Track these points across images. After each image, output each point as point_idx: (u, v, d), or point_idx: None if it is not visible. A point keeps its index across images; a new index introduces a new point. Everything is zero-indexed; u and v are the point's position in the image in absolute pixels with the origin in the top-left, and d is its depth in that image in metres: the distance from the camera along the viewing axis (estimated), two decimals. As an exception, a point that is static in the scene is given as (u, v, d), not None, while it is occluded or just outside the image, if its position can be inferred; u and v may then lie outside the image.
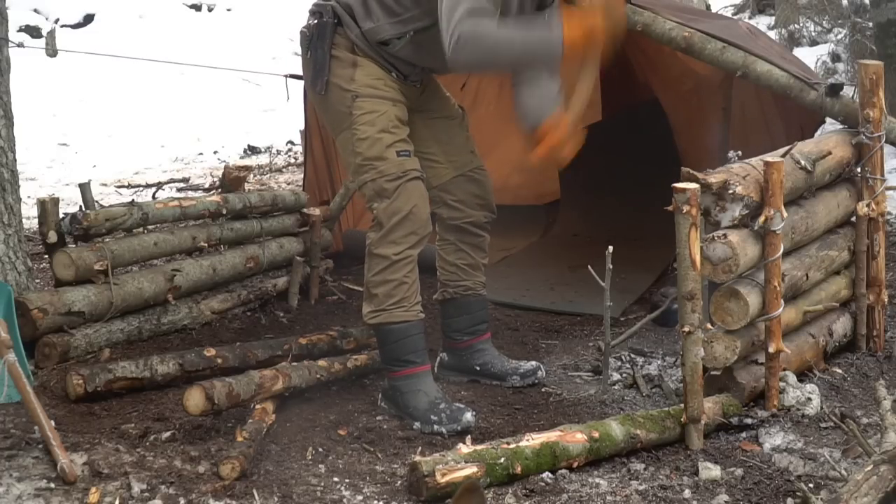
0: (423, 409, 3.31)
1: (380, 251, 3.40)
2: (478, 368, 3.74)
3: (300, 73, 3.75)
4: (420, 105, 3.60)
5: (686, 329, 3.02)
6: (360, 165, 3.40)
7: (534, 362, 3.78)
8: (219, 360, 3.62)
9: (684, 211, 2.98)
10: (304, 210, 4.97)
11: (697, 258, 3.01)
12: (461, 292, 3.73)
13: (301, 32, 3.53)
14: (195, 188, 7.85)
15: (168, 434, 3.14)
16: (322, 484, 2.86)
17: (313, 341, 3.93)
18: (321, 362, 3.61)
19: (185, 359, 3.58)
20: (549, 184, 6.44)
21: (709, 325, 3.17)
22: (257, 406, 3.20)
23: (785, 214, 3.27)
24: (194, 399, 3.05)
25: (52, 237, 3.84)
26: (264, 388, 3.25)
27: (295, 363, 3.48)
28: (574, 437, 2.95)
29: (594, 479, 2.88)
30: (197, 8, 14.79)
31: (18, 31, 12.31)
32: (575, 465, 2.93)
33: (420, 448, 3.12)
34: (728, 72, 4.43)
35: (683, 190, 2.98)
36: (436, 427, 3.27)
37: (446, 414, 3.28)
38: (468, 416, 3.27)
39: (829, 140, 3.81)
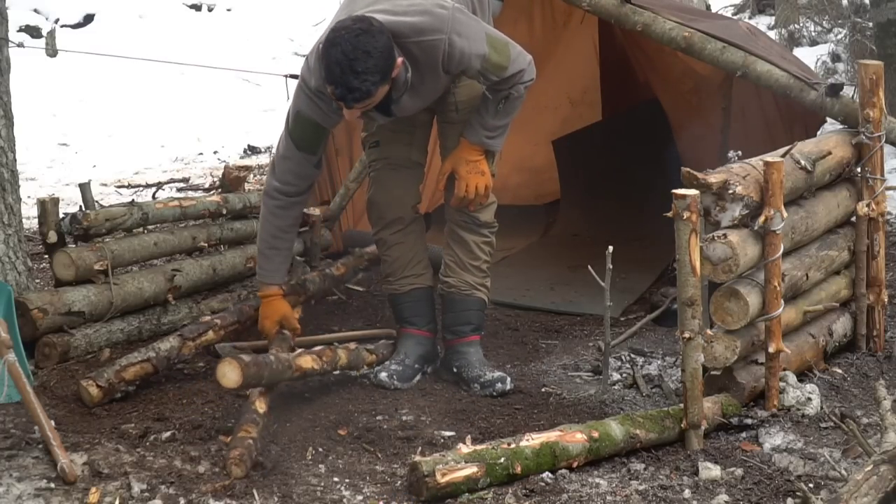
0: (389, 359, 3.75)
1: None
2: (455, 370, 3.75)
3: (300, 73, 3.78)
4: (438, 109, 3.78)
5: (686, 335, 3.02)
6: None
7: (499, 373, 3.70)
8: (217, 321, 3.67)
9: (684, 217, 2.97)
10: (304, 210, 4.96)
11: (698, 264, 3.01)
12: (445, 288, 3.80)
13: None
14: (195, 188, 7.84)
15: (168, 434, 3.14)
16: (322, 484, 2.86)
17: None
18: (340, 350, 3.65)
19: (184, 330, 3.62)
20: (549, 184, 6.44)
21: (708, 331, 3.17)
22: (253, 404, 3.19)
23: (785, 214, 3.27)
24: (231, 375, 2.99)
25: (52, 237, 3.84)
26: (295, 367, 3.26)
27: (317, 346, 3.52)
28: (574, 437, 2.95)
29: (594, 479, 2.88)
30: (197, 8, 14.78)
31: (18, 31, 12.30)
32: (575, 464, 2.93)
33: (420, 448, 3.12)
34: (728, 72, 4.43)
35: (683, 196, 2.97)
36: (381, 374, 3.66)
37: (399, 371, 3.68)
38: (382, 375, 3.65)
39: (829, 140, 3.81)
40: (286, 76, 5.81)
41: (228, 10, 14.67)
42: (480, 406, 3.52)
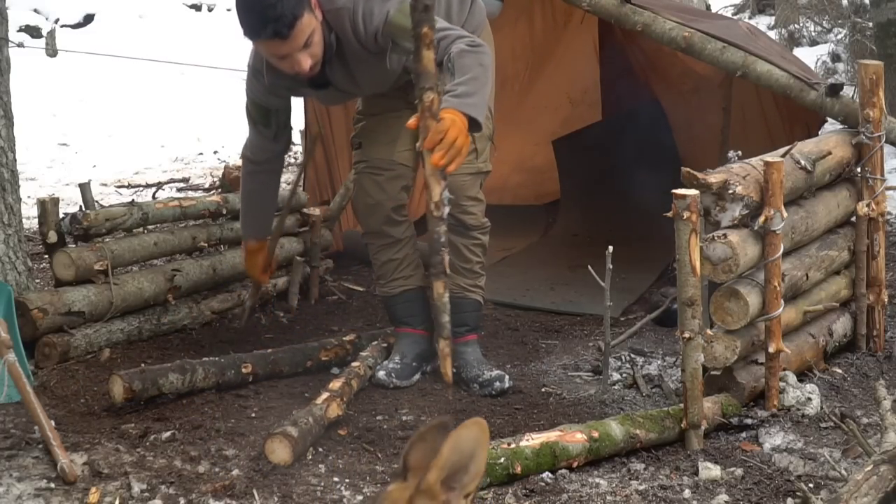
0: (387, 359, 3.75)
1: None
2: (454, 371, 3.54)
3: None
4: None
5: (686, 335, 3.02)
6: None
7: (497, 372, 3.66)
8: (251, 377, 3.62)
9: (684, 217, 2.97)
10: (304, 210, 4.97)
11: (698, 264, 3.01)
12: None
13: None
14: (195, 188, 7.85)
15: (168, 434, 3.13)
16: (322, 484, 2.85)
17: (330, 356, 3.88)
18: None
19: (225, 376, 3.54)
20: (549, 184, 6.45)
21: (708, 331, 3.17)
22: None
23: (785, 214, 3.27)
24: (280, 453, 2.93)
25: (52, 237, 3.83)
26: (327, 416, 3.21)
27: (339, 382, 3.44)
28: (574, 437, 2.95)
29: (594, 479, 2.88)
30: (197, 8, 14.80)
31: (18, 31, 12.32)
32: (575, 464, 2.93)
33: (420, 448, 3.11)
34: (728, 72, 4.43)
35: (683, 196, 2.97)
36: (379, 373, 3.65)
37: (397, 370, 3.68)
38: (380, 373, 3.65)
39: (829, 140, 3.81)
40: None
41: (228, 10, 14.66)
42: (480, 406, 3.52)
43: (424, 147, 2.88)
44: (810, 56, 10.27)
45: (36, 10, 13.51)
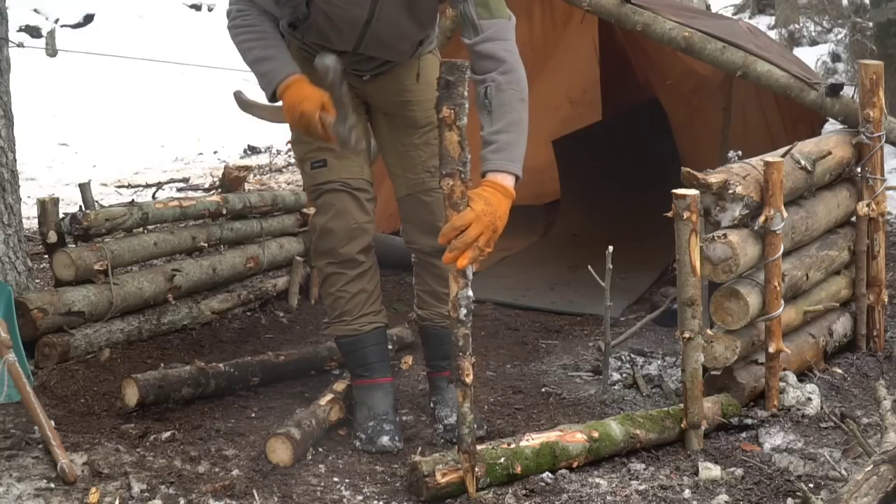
0: (357, 423, 3.22)
1: (315, 263, 3.42)
2: (431, 405, 3.41)
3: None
4: (380, 105, 3.30)
5: (686, 335, 3.02)
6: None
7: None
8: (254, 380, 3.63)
9: (684, 217, 2.97)
10: (304, 210, 4.97)
11: (698, 264, 3.01)
12: (419, 321, 3.44)
13: None
14: (195, 188, 7.85)
15: (168, 434, 3.13)
16: (322, 484, 2.86)
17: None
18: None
19: (234, 387, 3.55)
20: (549, 184, 6.45)
21: (708, 331, 3.17)
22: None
23: (785, 214, 3.27)
24: (280, 453, 2.93)
25: (52, 237, 3.83)
26: (329, 419, 3.21)
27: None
28: (574, 437, 2.95)
29: (594, 479, 2.88)
30: (197, 8, 14.80)
31: (18, 31, 12.33)
32: (575, 465, 2.93)
33: (420, 448, 3.12)
34: (728, 72, 4.44)
35: (683, 196, 2.97)
36: (356, 444, 3.16)
37: (367, 434, 3.16)
38: (384, 439, 3.13)
39: (829, 140, 3.82)
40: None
41: (228, 10, 14.67)
42: (480, 406, 3.52)
43: (440, 241, 2.61)
44: (810, 56, 10.28)
45: (36, 10, 13.52)
